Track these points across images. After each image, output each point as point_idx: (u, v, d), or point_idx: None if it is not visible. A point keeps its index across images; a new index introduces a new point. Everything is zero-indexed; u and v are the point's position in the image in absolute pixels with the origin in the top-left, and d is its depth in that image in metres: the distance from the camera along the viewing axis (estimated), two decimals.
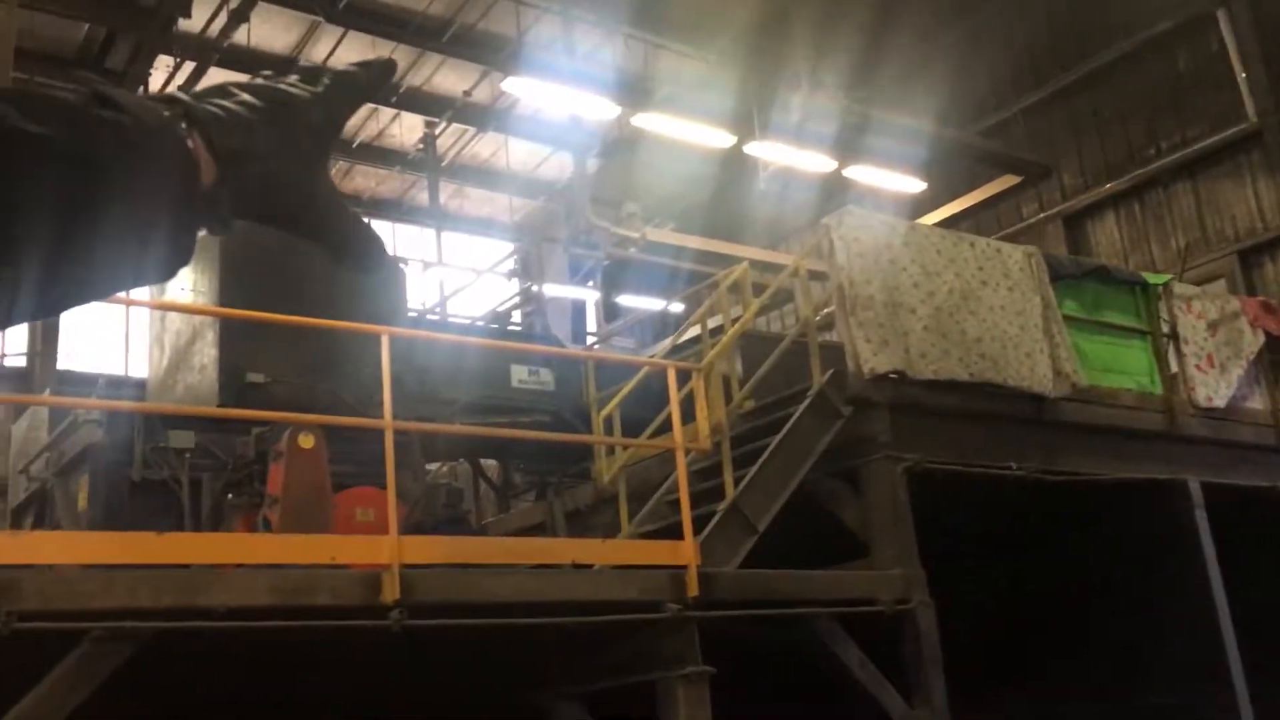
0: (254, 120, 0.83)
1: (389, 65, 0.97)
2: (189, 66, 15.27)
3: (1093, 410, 8.98)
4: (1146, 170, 14.99)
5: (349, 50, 17.48)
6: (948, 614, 7.53)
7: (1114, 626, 9.12)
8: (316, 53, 17.50)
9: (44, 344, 17.62)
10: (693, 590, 6.57)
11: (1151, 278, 10.33)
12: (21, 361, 17.63)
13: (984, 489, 8.12)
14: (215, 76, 16.53)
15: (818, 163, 16.26)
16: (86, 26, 15.21)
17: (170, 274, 0.81)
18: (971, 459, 8.09)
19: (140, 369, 13.40)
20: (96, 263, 0.75)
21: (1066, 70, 15.91)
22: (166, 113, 0.79)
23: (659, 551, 6.88)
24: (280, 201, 0.87)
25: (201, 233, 0.83)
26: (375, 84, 0.97)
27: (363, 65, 0.96)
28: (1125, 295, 9.92)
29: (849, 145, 16.04)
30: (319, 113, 0.89)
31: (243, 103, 0.84)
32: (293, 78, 0.91)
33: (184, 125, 0.79)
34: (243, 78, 0.90)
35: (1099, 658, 9.19)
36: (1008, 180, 16.36)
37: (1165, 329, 9.88)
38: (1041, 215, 16.23)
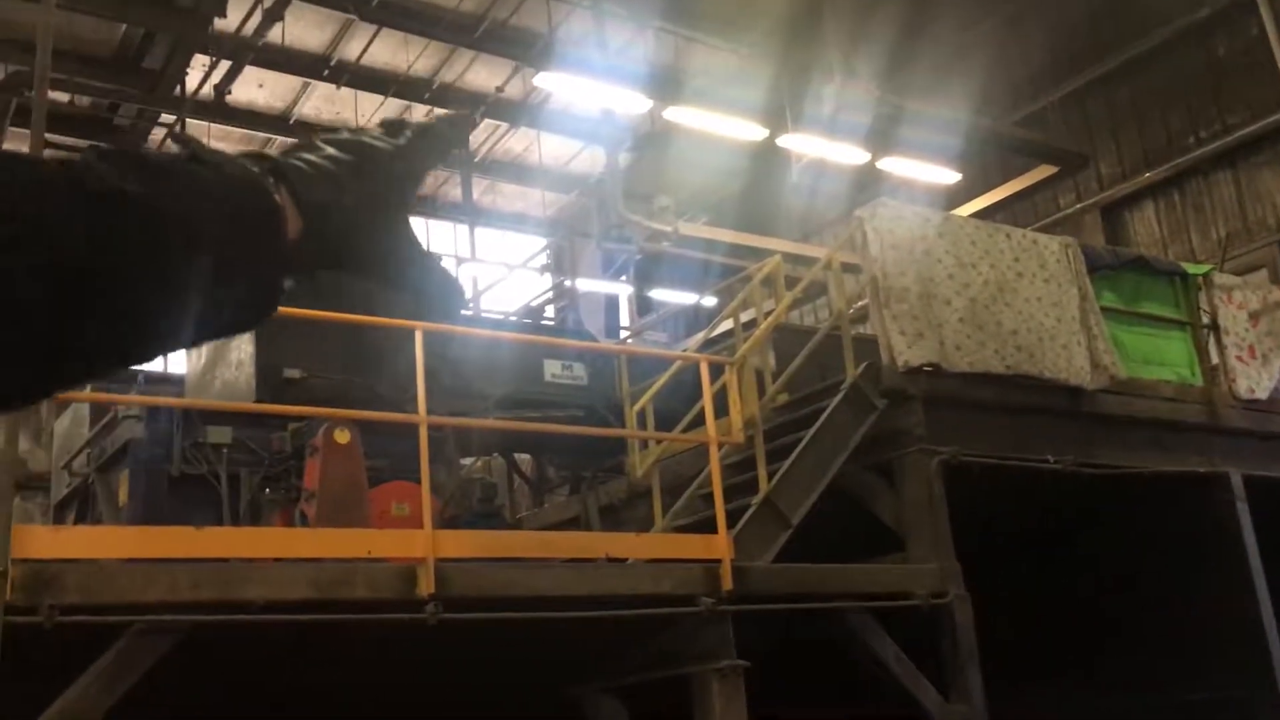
0: (338, 174, 0.86)
1: (466, 119, 1.02)
2: (225, 65, 15.41)
3: (1131, 402, 8.89)
4: (1186, 159, 14.79)
5: (381, 48, 17.58)
6: (984, 608, 7.48)
7: (1153, 621, 9.02)
8: (350, 50, 17.60)
9: None
10: (727, 584, 6.57)
11: (1191, 268, 10.20)
12: None
13: (1020, 482, 8.06)
14: (250, 75, 16.68)
15: (851, 155, 16.16)
16: (124, 26, 15.38)
17: (257, 324, 0.85)
18: (1008, 452, 8.03)
19: (179, 366, 13.53)
20: (187, 315, 0.77)
21: (1104, 59, 15.72)
22: (255, 168, 0.82)
23: (693, 546, 6.88)
24: (363, 252, 0.89)
25: (288, 284, 0.86)
26: (455, 136, 1.00)
27: (442, 119, 0.99)
28: (1164, 286, 9.80)
29: (883, 137, 15.93)
30: (401, 165, 0.92)
31: (328, 157, 0.87)
32: (376, 131, 0.94)
33: (271, 180, 0.82)
34: (275, 75, 0.92)
35: (1138, 652, 9.09)
36: (1044, 170, 16.19)
37: (1205, 320, 9.75)
38: (1079, 206, 16.05)
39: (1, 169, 0.69)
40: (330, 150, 0.88)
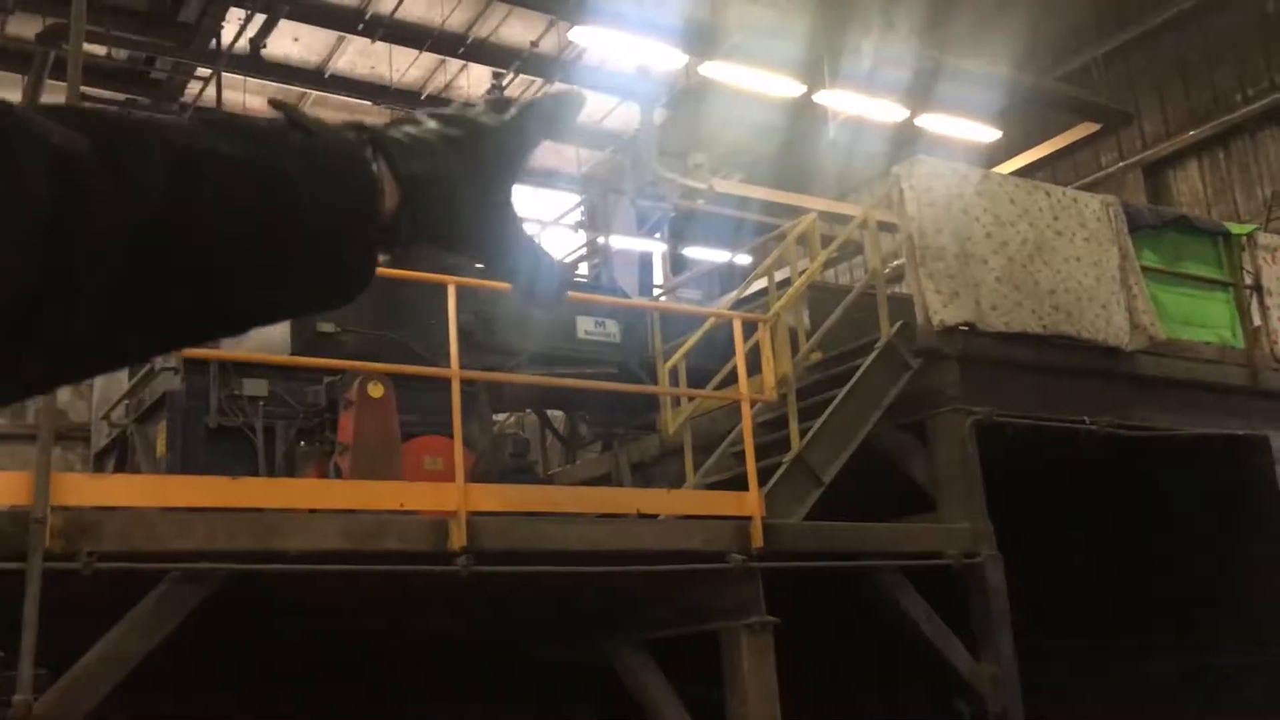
0: (439, 147, 0.84)
1: (576, 99, 0.98)
2: (259, 19, 15.38)
3: (1170, 364, 8.77)
4: (1232, 117, 14.47)
5: (416, 2, 17.48)
6: (1016, 569, 7.45)
7: (1189, 583, 8.95)
8: (385, 3, 17.53)
9: None
10: (757, 541, 6.58)
11: (1235, 228, 10.01)
12: None
13: (1056, 443, 7.99)
14: (285, 29, 16.65)
15: (889, 111, 15.94)
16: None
17: (349, 298, 0.82)
18: (1043, 413, 7.96)
19: None
20: (279, 286, 0.76)
21: (1150, 14, 15.38)
22: (354, 138, 0.80)
23: (724, 502, 6.88)
24: (462, 229, 0.87)
25: (383, 257, 0.84)
26: (564, 115, 0.96)
27: (550, 97, 0.96)
28: (1207, 246, 9.63)
29: (921, 93, 15.70)
30: (505, 142, 0.89)
31: (430, 130, 0.85)
32: (481, 106, 0.91)
33: (370, 150, 0.80)
34: (310, 29, 0.89)
35: (1173, 615, 9.04)
36: (1086, 128, 15.90)
37: (1248, 280, 9.59)
38: (1121, 164, 15.78)
39: (89, 118, 0.67)
40: (433, 124, 0.86)
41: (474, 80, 19.95)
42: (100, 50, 14.65)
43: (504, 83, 19.72)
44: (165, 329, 0.72)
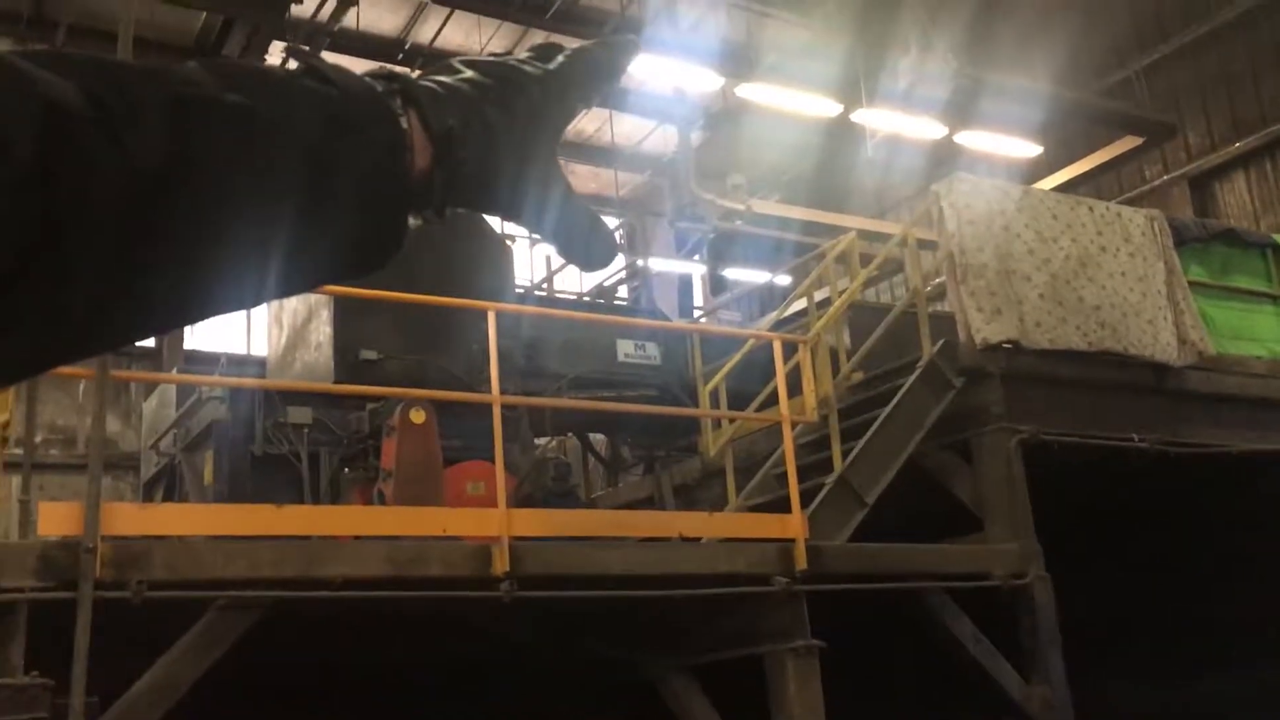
0: (477, 98, 0.77)
1: (631, 44, 0.89)
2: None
3: (1220, 379, 8.63)
4: (1278, 127, 14.28)
5: (455, 30, 17.69)
6: (1066, 589, 7.34)
7: (1243, 602, 8.77)
8: (423, 33, 17.74)
9: None
10: (801, 564, 6.53)
11: None
12: (151, 342, 18.36)
13: (1104, 461, 7.88)
14: (326, 60, 16.87)
15: (927, 129, 15.88)
16: (204, 15, 15.67)
17: (379, 264, 0.74)
18: (1090, 430, 7.85)
19: (261, 347, 13.83)
20: (298, 251, 0.68)
21: (1192, 25, 15.23)
22: (380, 88, 0.73)
23: (767, 525, 6.84)
24: (500, 188, 0.79)
25: (414, 221, 0.77)
26: (615, 64, 0.88)
27: (600, 43, 0.88)
28: (1255, 259, 9.49)
29: (961, 110, 15.62)
30: (550, 93, 0.82)
31: (466, 79, 0.78)
32: (526, 54, 0.84)
33: (399, 102, 0.73)
34: (350, 60, 0.85)
35: (1227, 633, 8.85)
36: (1129, 142, 15.75)
37: None
38: (1166, 177, 15.60)
39: (83, 67, 0.61)
40: (470, 73, 0.78)
41: None
42: None
43: None
44: (169, 301, 0.65)
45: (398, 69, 0.76)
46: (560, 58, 0.84)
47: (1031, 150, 16.43)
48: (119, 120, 0.59)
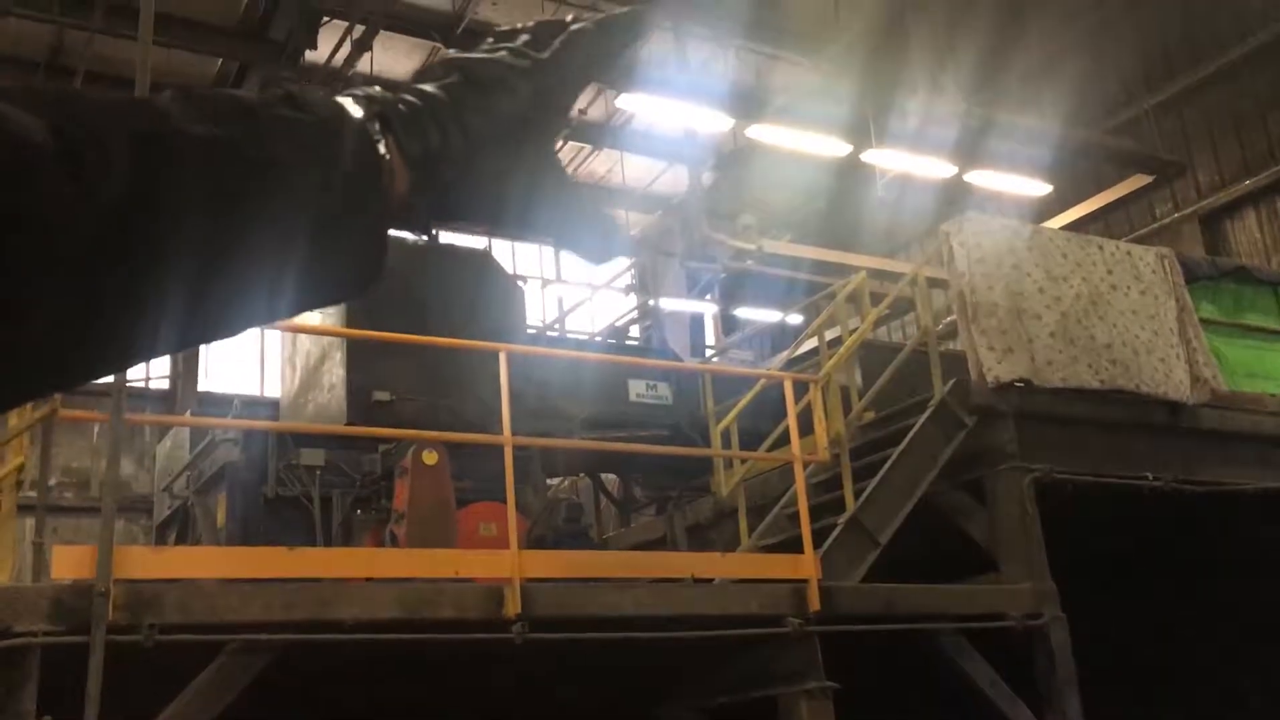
0: (459, 109, 0.74)
1: (637, 16, 0.83)
2: None
3: (1235, 417, 8.59)
4: None
5: None
6: (1082, 629, 7.28)
7: (1262, 643, 8.68)
8: None
9: (185, 367, 18.40)
10: (814, 605, 6.50)
11: None
12: (165, 384, 18.44)
13: (1118, 500, 7.84)
14: None
15: (937, 168, 15.96)
16: (220, 60, 15.88)
17: (359, 290, 0.73)
18: (1104, 469, 7.82)
19: (274, 389, 13.89)
20: (276, 281, 0.68)
21: (1199, 64, 15.30)
22: (359, 113, 0.71)
23: (779, 565, 6.82)
24: (487, 202, 0.77)
25: (413, 237, 0.76)
26: (618, 41, 0.82)
27: (604, 21, 0.82)
28: (1267, 296, 9.48)
29: (970, 149, 15.71)
30: (545, 83, 0.78)
31: (449, 86, 0.75)
32: (522, 39, 0.79)
33: (376, 126, 0.71)
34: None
35: (1247, 674, 8.75)
36: (1139, 180, 15.79)
37: None
38: (1176, 215, 15.62)
39: (45, 100, 0.60)
40: (453, 78, 0.75)
41: None
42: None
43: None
44: (137, 335, 0.64)
45: (376, 90, 0.75)
46: (556, 43, 0.79)
47: (1041, 189, 16.48)
48: (82, 156, 0.59)
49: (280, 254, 0.67)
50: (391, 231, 0.74)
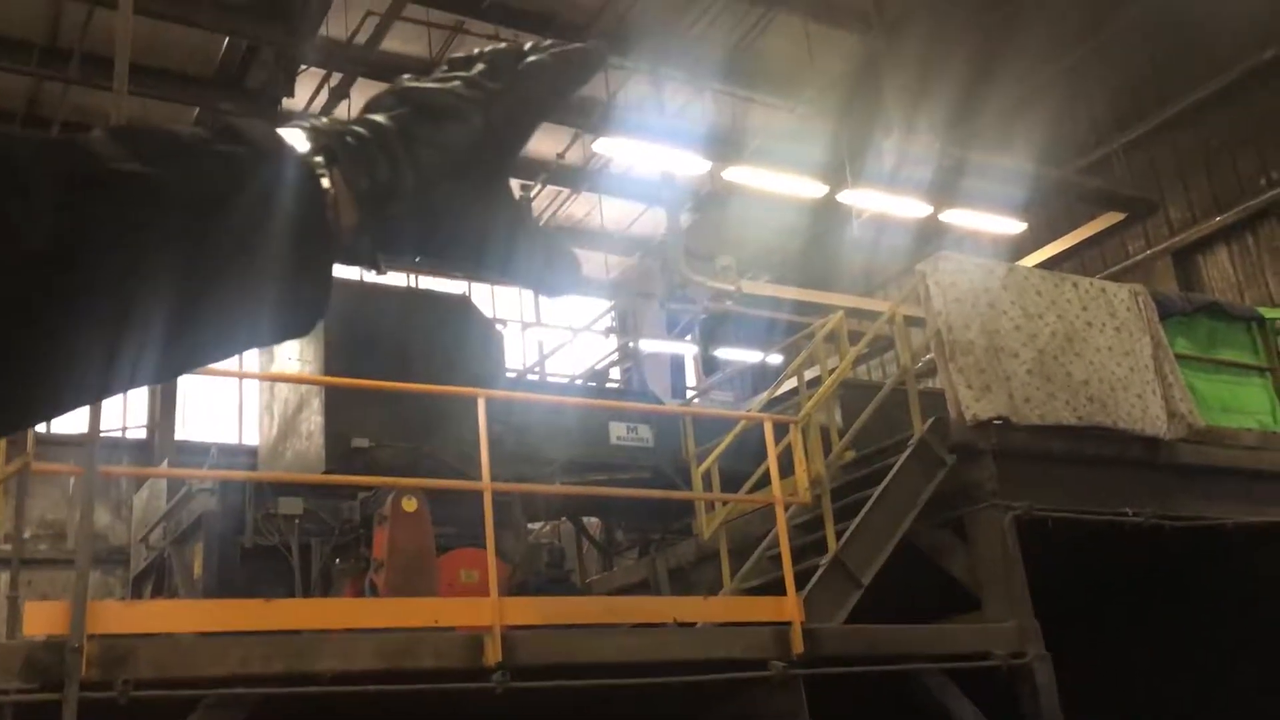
0: (409, 140, 0.72)
1: (595, 55, 0.81)
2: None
3: (1212, 452, 8.63)
4: (1258, 201, 14.49)
5: None
6: (1066, 667, 7.26)
7: (1245, 676, 8.67)
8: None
9: (162, 415, 18.26)
10: (798, 647, 6.46)
11: (1268, 312, 9.96)
12: (142, 433, 18.30)
13: (1099, 536, 7.85)
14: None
15: (912, 208, 16.10)
16: (196, 111, 15.87)
17: (306, 327, 0.71)
18: (1084, 506, 7.83)
19: (253, 437, 13.79)
20: (218, 320, 0.66)
21: (1168, 104, 15.53)
22: (306, 146, 0.70)
23: (762, 608, 6.78)
24: (442, 235, 0.75)
25: (371, 272, 0.74)
26: (573, 76, 0.81)
27: (559, 55, 0.80)
28: (1240, 332, 9.56)
29: (945, 189, 15.86)
30: (499, 114, 0.76)
31: (399, 117, 0.73)
32: (477, 69, 0.77)
33: (321, 160, 0.69)
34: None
35: (1231, 710, 8.73)
36: (1111, 217, 15.96)
37: None
38: (1149, 251, 15.78)
39: None
40: (403, 109, 0.73)
41: None
42: None
43: (532, 194, 20.12)
44: (75, 378, 0.62)
45: (321, 121, 0.73)
46: (511, 74, 0.78)
47: (1016, 227, 16.64)
48: (5, 200, 0.57)
49: (220, 295, 0.65)
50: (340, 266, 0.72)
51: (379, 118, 0.73)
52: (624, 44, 16.52)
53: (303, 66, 14.87)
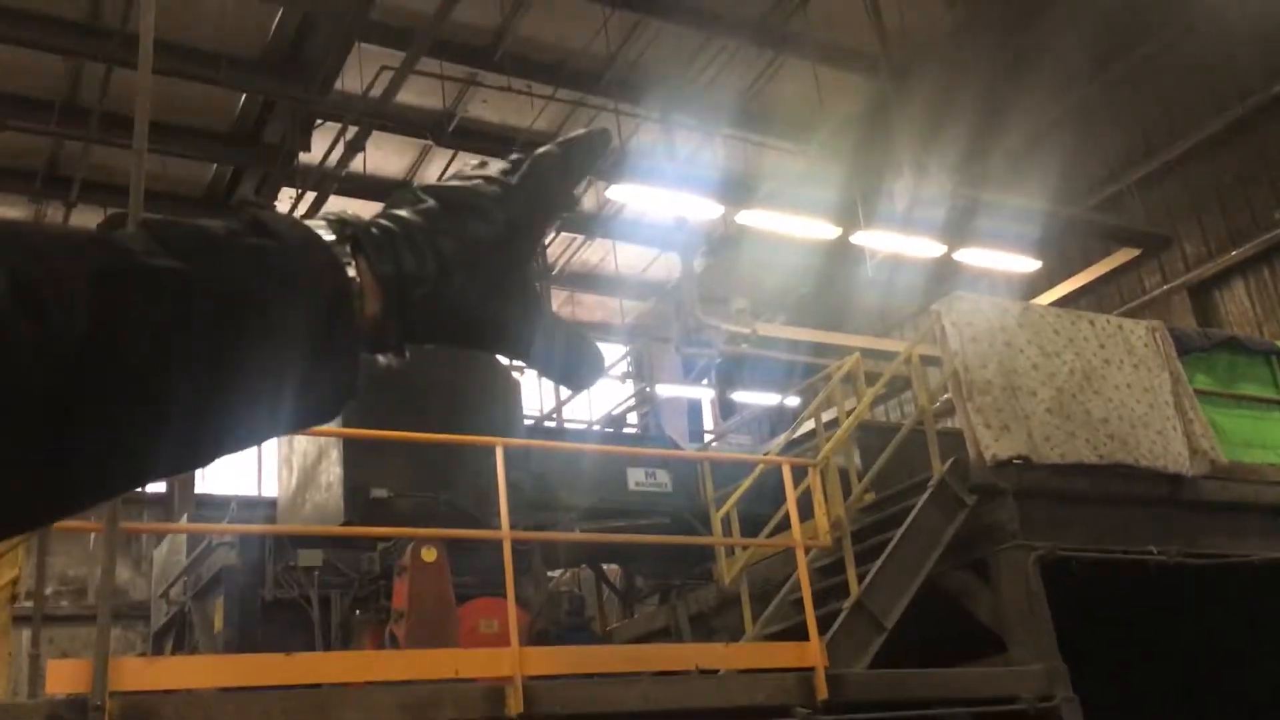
0: (432, 233, 0.75)
1: (600, 138, 0.85)
2: (310, 196, 16.00)
3: (1236, 488, 8.55)
4: (1273, 235, 14.45)
5: (459, 169, 18.09)
6: (1091, 709, 7.16)
7: (1274, 716, 8.53)
8: (429, 173, 18.17)
9: None
10: (822, 693, 6.40)
11: None
12: (162, 488, 18.35)
13: (1124, 575, 7.76)
14: (335, 204, 17.29)
15: (926, 248, 16.11)
16: (215, 166, 16.11)
17: (334, 412, 0.73)
18: (1108, 544, 7.76)
19: (272, 489, 13.82)
20: (247, 407, 0.67)
21: (1178, 140, 15.56)
22: (331, 238, 0.72)
23: (784, 654, 6.73)
24: (462, 325, 0.78)
25: (384, 361, 0.76)
26: (583, 163, 0.84)
27: (566, 143, 0.84)
28: (1260, 366, 9.51)
29: (958, 228, 15.88)
30: (516, 209, 0.79)
31: (422, 211, 0.76)
32: (496, 168, 0.82)
33: (347, 250, 0.72)
34: (359, 203, 0.83)
35: None
36: (1126, 254, 15.94)
37: None
38: (1165, 287, 15.73)
39: (8, 239, 0.60)
40: (428, 203, 0.77)
41: None
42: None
43: (546, 242, 20.25)
44: (106, 469, 0.63)
45: (348, 213, 0.75)
46: (523, 169, 0.81)
47: (1030, 265, 16.63)
48: (41, 297, 0.58)
49: (249, 383, 0.67)
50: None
51: (402, 211, 0.77)
52: (635, 91, 16.71)
53: (319, 121, 15.08)
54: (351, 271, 0.71)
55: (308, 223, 0.73)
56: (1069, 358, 8.14)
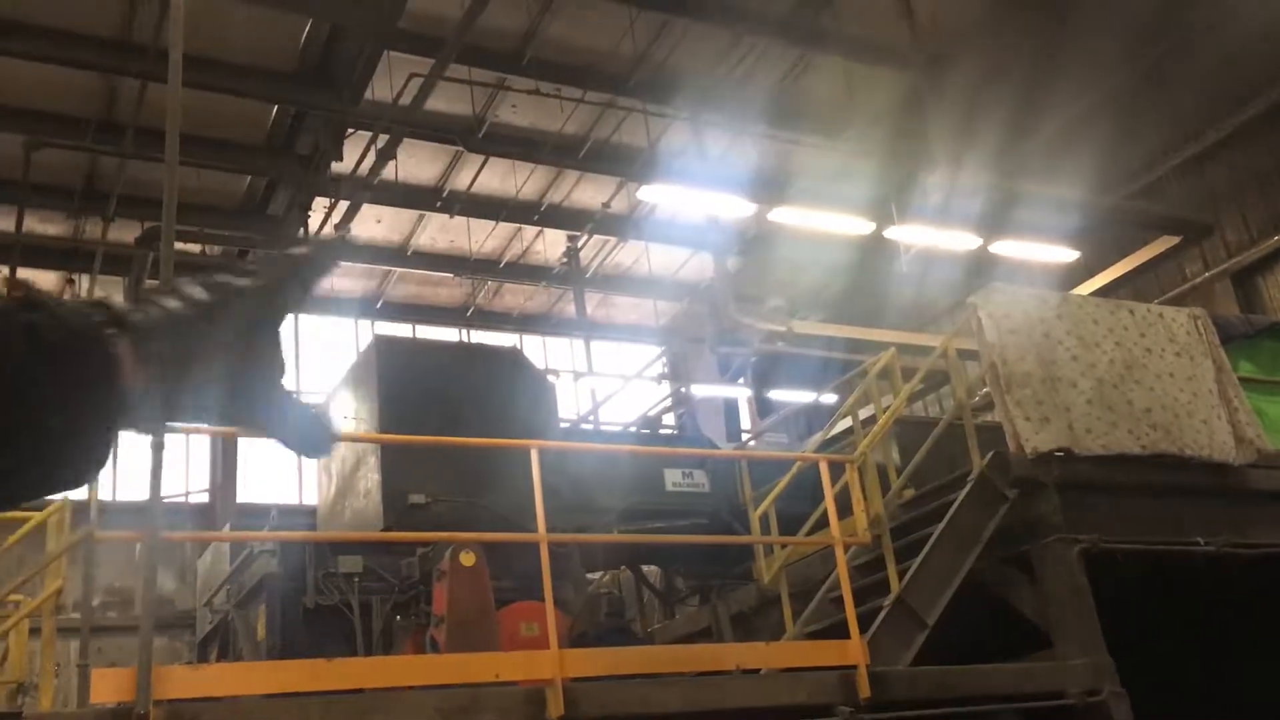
0: (190, 319, 0.84)
1: (336, 245, 1.01)
2: (343, 205, 16.12)
3: None
4: None
5: (490, 175, 18.19)
6: (1144, 704, 7.05)
7: None
8: (460, 180, 18.25)
9: (224, 480, 18.52)
10: (864, 691, 6.35)
11: None
12: (204, 497, 18.55)
13: (1171, 567, 7.64)
14: (368, 212, 17.41)
15: (961, 241, 15.96)
16: (249, 178, 16.25)
17: (88, 478, 0.80)
18: (1154, 536, 7.64)
19: (312, 497, 13.92)
20: (14, 466, 0.74)
21: (1217, 125, 15.32)
22: (97, 318, 0.80)
23: (826, 652, 6.68)
24: (215, 402, 0.87)
25: (156, 432, 0.86)
26: (321, 264, 0.96)
27: (312, 247, 0.98)
28: None
29: (994, 220, 15.71)
30: (262, 302, 0.90)
31: (185, 299, 0.85)
32: (248, 266, 0.92)
33: (112, 329, 0.80)
34: (392, 210, 0.92)
35: None
36: (1166, 242, 15.71)
37: None
38: (1207, 274, 15.49)
39: None
40: (192, 291, 0.85)
41: (549, 244, 20.53)
42: (196, 247, 15.41)
43: (579, 244, 20.28)
44: None
45: (115, 302, 0.83)
46: (265, 267, 0.92)
47: (1068, 255, 16.43)
48: None
49: (14, 443, 0.73)
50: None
51: (167, 299, 0.85)
52: (664, 91, 16.68)
53: (350, 130, 15.18)
54: (115, 348, 0.79)
55: (83, 309, 0.81)
56: (1109, 348, 8.03)
